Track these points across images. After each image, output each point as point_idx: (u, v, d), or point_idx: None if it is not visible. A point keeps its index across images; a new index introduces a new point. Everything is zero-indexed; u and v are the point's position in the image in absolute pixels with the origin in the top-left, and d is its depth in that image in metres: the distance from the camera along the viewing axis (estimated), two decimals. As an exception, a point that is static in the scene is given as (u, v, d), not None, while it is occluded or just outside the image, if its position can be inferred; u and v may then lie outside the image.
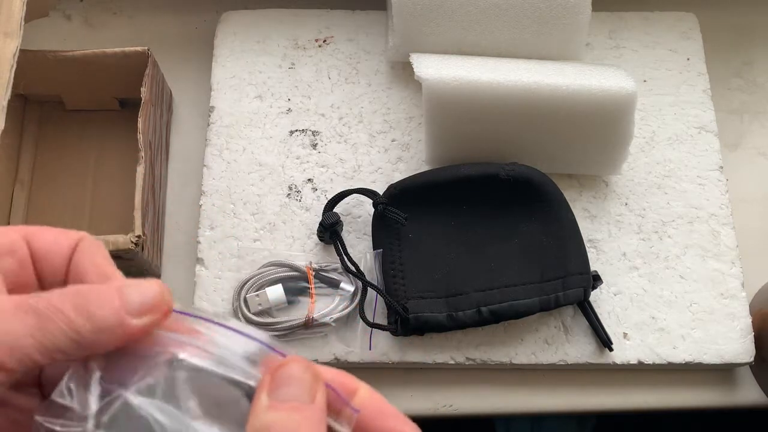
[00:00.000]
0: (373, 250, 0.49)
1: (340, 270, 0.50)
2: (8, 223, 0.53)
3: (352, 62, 0.57)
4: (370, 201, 0.49)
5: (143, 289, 0.25)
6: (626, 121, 0.49)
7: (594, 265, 0.50)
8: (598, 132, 0.50)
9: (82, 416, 0.22)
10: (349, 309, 0.49)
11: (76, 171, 0.56)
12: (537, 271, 0.48)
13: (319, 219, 0.51)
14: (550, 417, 0.66)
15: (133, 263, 0.48)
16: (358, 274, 0.48)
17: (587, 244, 0.50)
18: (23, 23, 0.44)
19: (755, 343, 0.50)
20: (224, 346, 0.24)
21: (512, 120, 0.49)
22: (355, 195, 0.51)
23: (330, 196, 0.51)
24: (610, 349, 0.49)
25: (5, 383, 0.22)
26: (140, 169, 0.48)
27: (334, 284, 0.50)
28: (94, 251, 0.26)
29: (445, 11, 0.52)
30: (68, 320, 0.23)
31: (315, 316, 0.48)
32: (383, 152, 0.54)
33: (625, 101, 0.49)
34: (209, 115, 0.55)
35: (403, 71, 0.56)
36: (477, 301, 0.46)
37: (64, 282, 0.25)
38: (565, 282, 0.47)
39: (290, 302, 0.49)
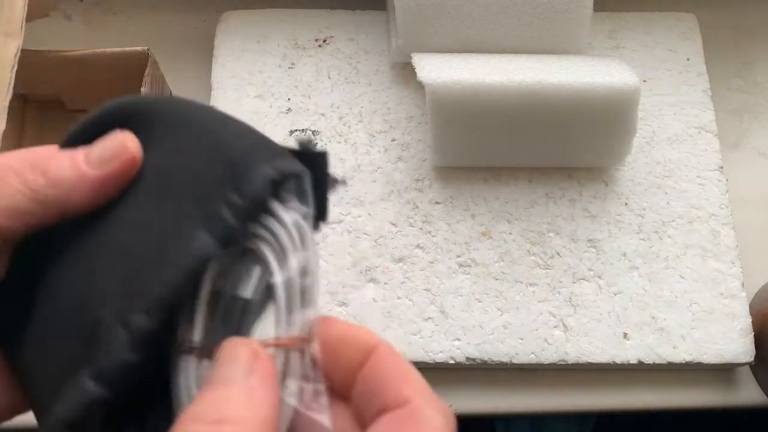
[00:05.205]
0: None
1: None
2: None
3: (352, 62, 0.57)
4: None
5: (105, 140, 0.24)
6: (630, 115, 0.50)
7: (594, 265, 0.50)
8: (603, 127, 0.50)
9: None
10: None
11: (76, 171, 0.56)
12: (180, 200, 0.24)
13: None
14: (550, 417, 0.66)
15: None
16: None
17: (587, 245, 0.49)
18: (24, 24, 0.44)
19: (755, 343, 0.50)
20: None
21: (517, 119, 0.50)
22: None
23: (329, 196, 0.51)
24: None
25: None
26: (140, 169, 0.48)
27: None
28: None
29: (449, 11, 0.53)
30: (23, 178, 0.23)
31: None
32: (383, 152, 0.54)
33: (628, 97, 0.49)
34: (209, 115, 0.55)
35: (403, 71, 0.56)
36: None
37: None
38: (236, 182, 0.24)
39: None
